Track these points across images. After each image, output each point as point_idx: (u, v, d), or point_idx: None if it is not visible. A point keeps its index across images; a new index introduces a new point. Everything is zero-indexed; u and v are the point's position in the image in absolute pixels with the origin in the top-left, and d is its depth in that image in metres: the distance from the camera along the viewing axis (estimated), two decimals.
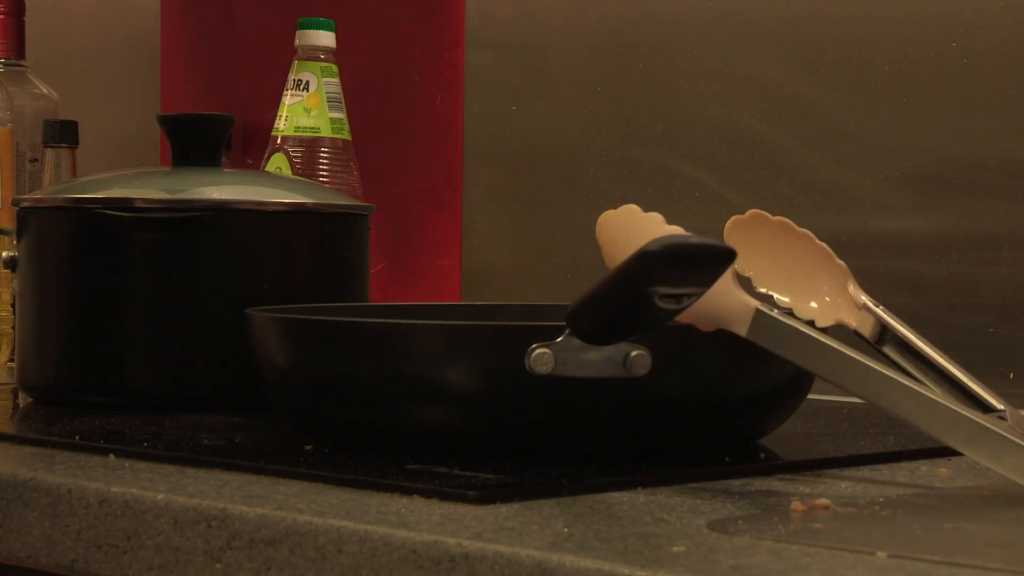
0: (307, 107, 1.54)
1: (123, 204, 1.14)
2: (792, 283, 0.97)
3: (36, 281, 1.17)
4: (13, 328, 1.41)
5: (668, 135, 1.46)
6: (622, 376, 0.83)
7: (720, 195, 1.43)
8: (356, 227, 1.22)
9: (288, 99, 1.55)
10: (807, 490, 0.83)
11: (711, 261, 0.75)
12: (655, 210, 0.89)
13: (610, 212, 0.91)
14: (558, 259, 1.53)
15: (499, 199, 1.59)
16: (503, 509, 0.76)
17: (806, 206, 1.38)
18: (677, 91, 1.46)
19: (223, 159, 1.25)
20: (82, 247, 1.15)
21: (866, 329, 0.95)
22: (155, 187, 1.16)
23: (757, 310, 0.85)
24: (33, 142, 1.65)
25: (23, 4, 1.72)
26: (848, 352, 0.84)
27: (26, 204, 1.19)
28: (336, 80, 1.55)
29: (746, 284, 0.91)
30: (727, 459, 0.89)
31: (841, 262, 0.97)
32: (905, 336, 0.94)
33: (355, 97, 1.61)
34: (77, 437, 0.98)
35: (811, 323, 0.94)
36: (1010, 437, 0.79)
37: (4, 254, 1.21)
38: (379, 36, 1.68)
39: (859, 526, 0.74)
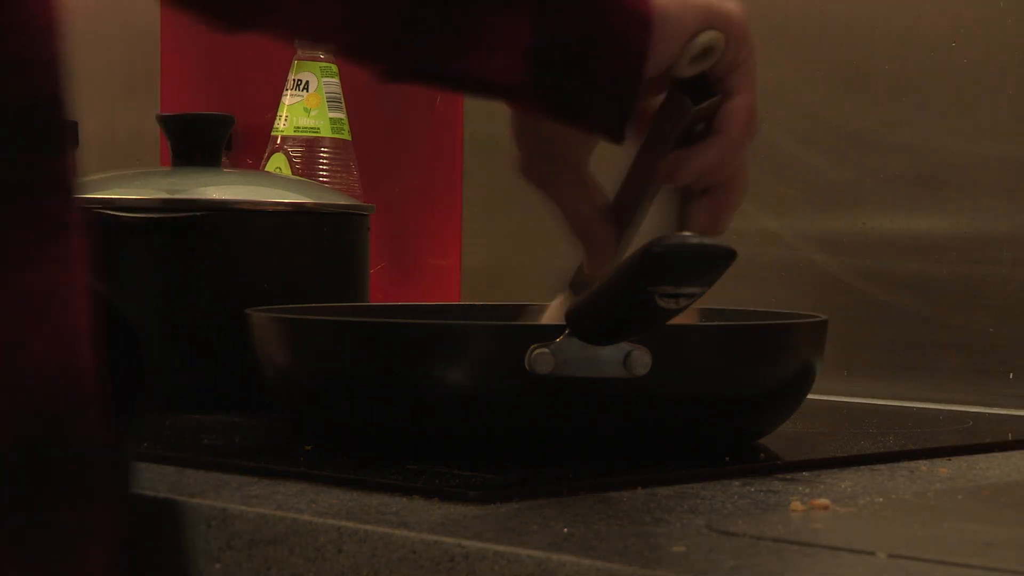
0: (307, 107, 1.54)
1: (123, 204, 1.14)
2: None
3: None
4: None
5: None
6: (622, 376, 0.83)
7: None
8: (356, 227, 1.22)
9: (288, 99, 1.55)
10: (807, 490, 0.83)
11: (711, 261, 0.75)
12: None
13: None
14: (558, 259, 1.53)
15: (499, 199, 1.59)
16: (503, 509, 0.76)
17: (806, 206, 1.38)
18: None
19: (223, 159, 1.25)
20: None
21: None
22: (155, 187, 1.16)
23: None
24: None
25: None
26: None
27: None
28: (336, 80, 1.55)
29: None
30: (727, 459, 0.89)
31: None
32: None
33: (355, 97, 1.61)
34: None
35: None
36: None
37: None
38: None
39: (859, 526, 0.74)
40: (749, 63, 0.87)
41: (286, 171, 1.52)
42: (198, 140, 1.22)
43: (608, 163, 0.88)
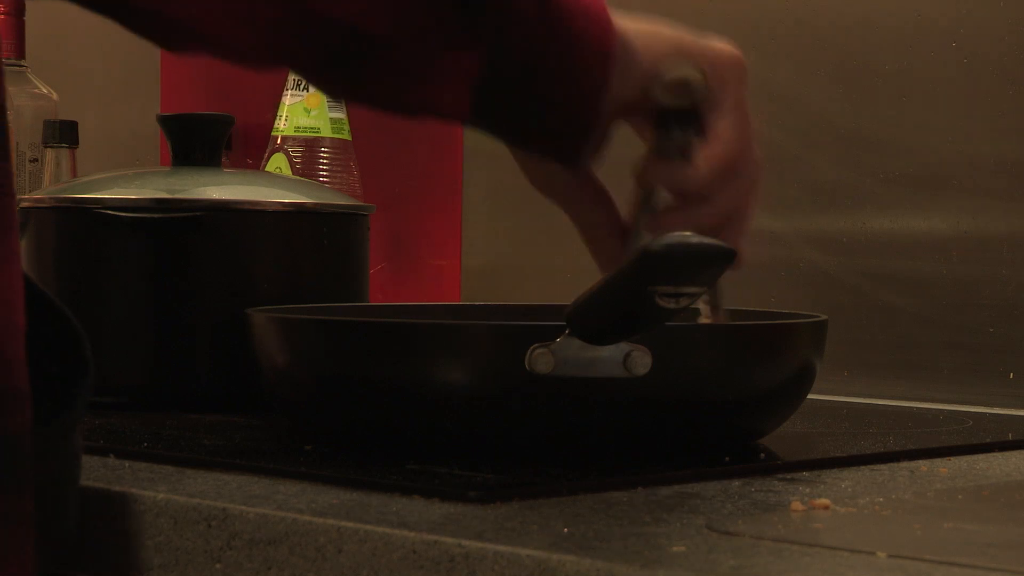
0: (307, 107, 1.54)
1: (123, 204, 1.14)
2: None
3: None
4: None
5: None
6: (622, 376, 0.83)
7: None
8: (356, 227, 1.22)
9: (288, 99, 1.55)
10: (807, 490, 0.83)
11: (711, 260, 0.75)
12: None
13: None
14: (558, 259, 1.53)
15: (499, 199, 1.59)
16: (503, 509, 0.76)
17: (806, 206, 1.38)
18: None
19: (223, 159, 1.25)
20: (82, 247, 1.15)
21: None
22: (155, 187, 1.16)
23: None
24: (33, 142, 1.65)
25: (23, 4, 1.72)
26: None
27: (26, 204, 1.19)
28: None
29: None
30: (727, 459, 0.89)
31: None
32: None
33: None
34: None
35: None
36: None
37: None
38: None
39: (859, 526, 0.74)
40: (732, 105, 0.85)
41: (286, 171, 1.52)
42: (198, 140, 1.22)
43: (612, 165, 0.88)
